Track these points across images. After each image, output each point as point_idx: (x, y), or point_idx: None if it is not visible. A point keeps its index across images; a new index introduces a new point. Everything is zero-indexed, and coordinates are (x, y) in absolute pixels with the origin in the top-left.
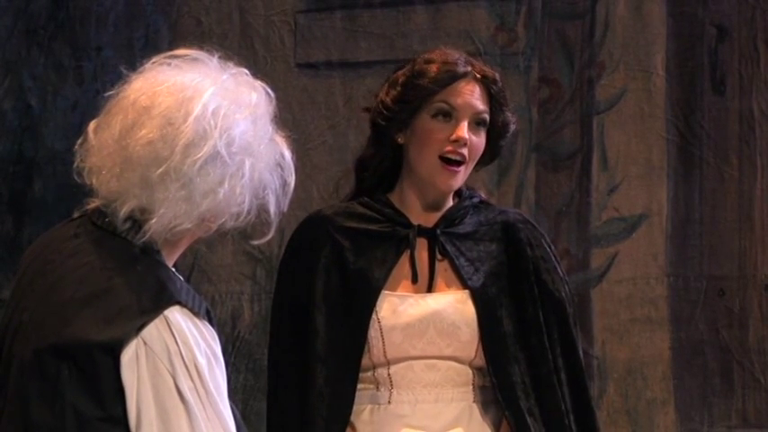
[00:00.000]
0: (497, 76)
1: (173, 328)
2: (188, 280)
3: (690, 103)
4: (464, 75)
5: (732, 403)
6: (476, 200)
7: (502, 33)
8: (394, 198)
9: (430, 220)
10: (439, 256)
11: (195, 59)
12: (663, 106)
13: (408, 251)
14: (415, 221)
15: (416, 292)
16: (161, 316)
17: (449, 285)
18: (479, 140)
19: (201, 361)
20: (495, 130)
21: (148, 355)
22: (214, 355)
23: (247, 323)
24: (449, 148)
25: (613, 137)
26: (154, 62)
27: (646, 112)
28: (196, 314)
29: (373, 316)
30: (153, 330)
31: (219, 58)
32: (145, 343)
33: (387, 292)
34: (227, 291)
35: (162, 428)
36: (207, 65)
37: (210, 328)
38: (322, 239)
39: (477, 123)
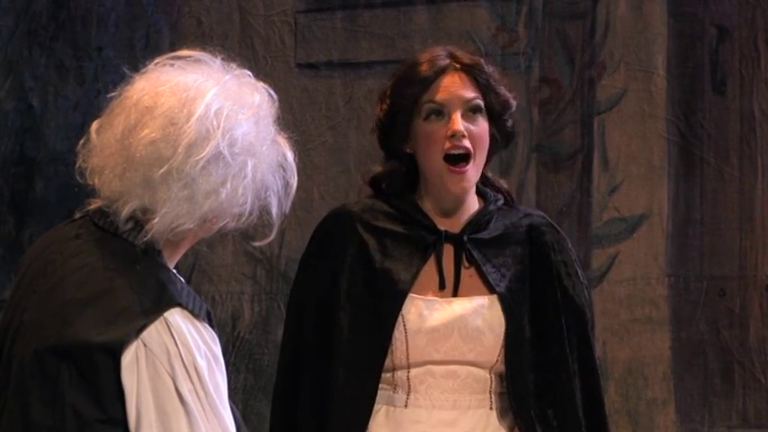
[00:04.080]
0: (481, 61)
1: (173, 329)
2: (189, 280)
3: (690, 104)
4: (444, 69)
5: (732, 403)
6: (500, 202)
7: (503, 33)
8: (418, 199)
9: (455, 225)
10: (466, 264)
11: (198, 60)
12: (663, 106)
13: (434, 256)
14: (440, 226)
15: (442, 296)
16: (161, 318)
17: (474, 291)
18: (479, 128)
19: (201, 363)
20: (494, 112)
21: (148, 357)
22: (214, 356)
23: (247, 323)
24: (448, 144)
25: (614, 137)
26: (157, 63)
27: (646, 112)
28: (196, 316)
29: (399, 318)
30: (153, 332)
31: (222, 59)
32: (145, 345)
33: (413, 295)
34: (227, 291)
35: (162, 430)
36: (210, 66)
37: (211, 329)
38: (348, 237)
39: (471, 111)
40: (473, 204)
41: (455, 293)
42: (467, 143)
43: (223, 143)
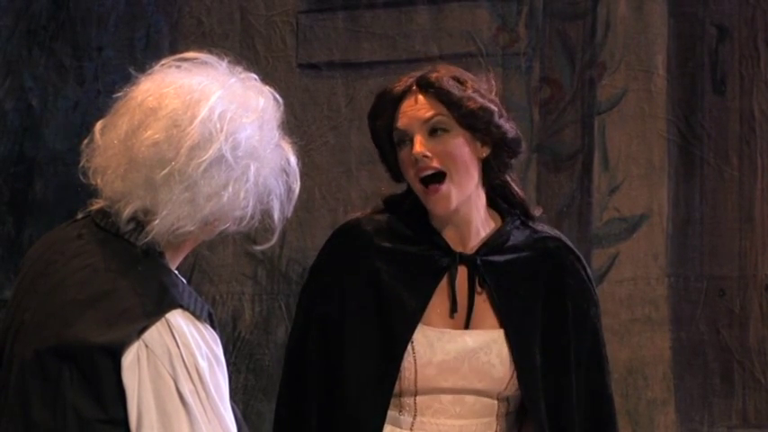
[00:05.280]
0: (445, 78)
1: (174, 331)
2: (189, 280)
3: (690, 104)
4: (402, 95)
5: (732, 403)
6: (517, 222)
7: (503, 34)
8: (430, 219)
9: (466, 244)
10: (478, 288)
11: (204, 63)
12: (664, 106)
13: (447, 280)
14: (452, 245)
15: (454, 324)
16: (163, 319)
17: (485, 319)
18: (445, 146)
19: (202, 364)
20: (467, 121)
21: (150, 358)
22: (215, 357)
23: (248, 323)
24: (417, 167)
25: (614, 137)
26: (162, 64)
27: (646, 112)
28: (198, 317)
29: (408, 348)
30: (154, 333)
31: (229, 62)
32: (146, 346)
33: (424, 325)
34: (227, 291)
35: (162, 431)
36: (215, 68)
37: (212, 331)
38: (360, 257)
39: (433, 130)
40: (485, 222)
41: (467, 321)
42: (434, 163)
43: (226, 146)
